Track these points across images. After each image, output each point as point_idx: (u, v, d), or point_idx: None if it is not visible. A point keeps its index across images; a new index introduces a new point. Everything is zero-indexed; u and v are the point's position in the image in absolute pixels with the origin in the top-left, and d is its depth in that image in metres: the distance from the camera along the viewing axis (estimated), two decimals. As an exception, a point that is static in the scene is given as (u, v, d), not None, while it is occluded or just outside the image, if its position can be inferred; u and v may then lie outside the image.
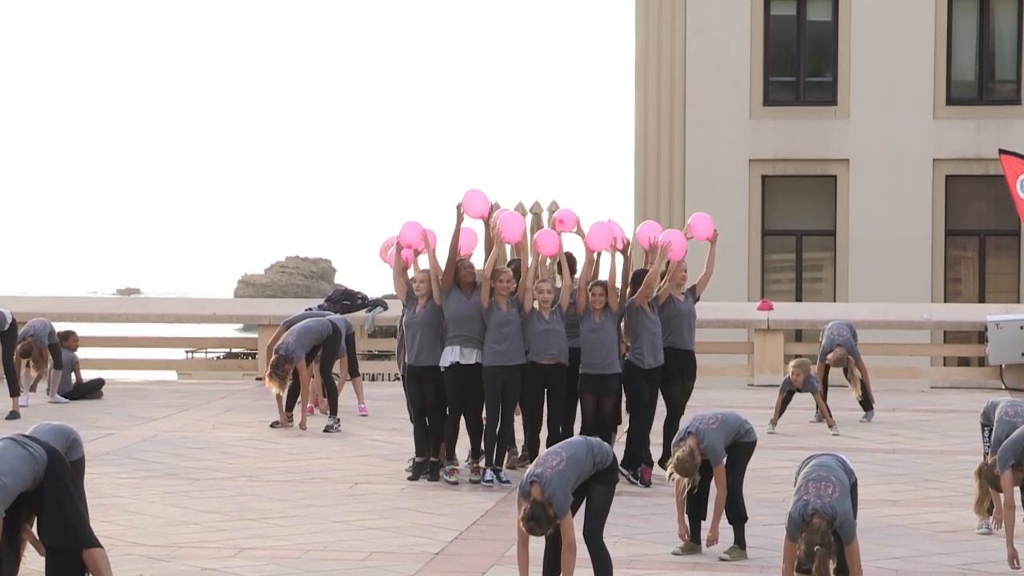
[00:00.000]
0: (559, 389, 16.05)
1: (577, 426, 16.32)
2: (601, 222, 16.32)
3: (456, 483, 16.10)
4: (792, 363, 19.87)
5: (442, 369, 16.13)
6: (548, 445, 15.49)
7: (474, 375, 16.06)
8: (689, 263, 16.79)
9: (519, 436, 16.85)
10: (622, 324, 16.29)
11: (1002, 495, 12.97)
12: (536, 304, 15.95)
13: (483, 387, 16.01)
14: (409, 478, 16.38)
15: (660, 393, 16.51)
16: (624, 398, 16.53)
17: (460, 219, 16.27)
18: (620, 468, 16.10)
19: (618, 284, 16.43)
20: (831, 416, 19.53)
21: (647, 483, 16.03)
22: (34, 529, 11.18)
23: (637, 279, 16.33)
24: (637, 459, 16.27)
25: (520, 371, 16.01)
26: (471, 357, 16.06)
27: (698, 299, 16.81)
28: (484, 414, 16.16)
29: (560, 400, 16.10)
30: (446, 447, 16.34)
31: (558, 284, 16.55)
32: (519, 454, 16.85)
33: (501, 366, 15.92)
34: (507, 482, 15.89)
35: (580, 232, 16.50)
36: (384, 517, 14.59)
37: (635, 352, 16.22)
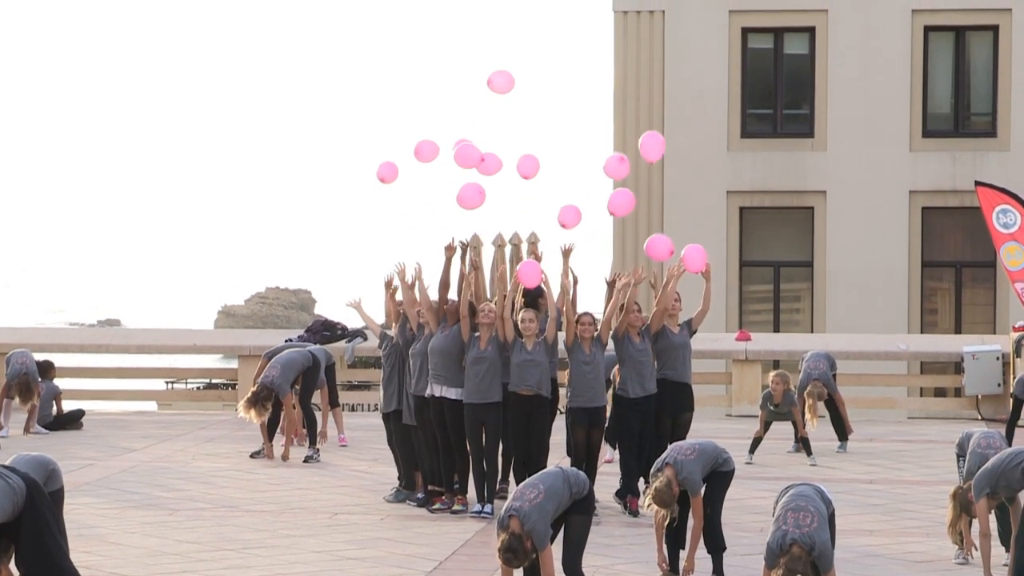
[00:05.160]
0: (538, 420, 16.07)
1: (552, 459, 16.35)
2: (530, 267, 16.39)
3: (461, 511, 16.16)
4: (772, 374, 20.02)
5: (426, 397, 16.29)
6: (518, 475, 15.56)
7: (456, 410, 16.16)
8: (684, 297, 16.88)
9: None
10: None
11: (976, 522, 13.09)
12: (522, 335, 15.99)
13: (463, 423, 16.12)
14: (418, 505, 16.53)
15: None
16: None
17: (449, 258, 16.42)
18: (614, 497, 16.21)
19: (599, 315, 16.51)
20: (804, 428, 19.69)
21: (635, 513, 16.07)
22: (12, 565, 11.18)
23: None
24: (628, 489, 16.33)
25: (497, 408, 16.05)
26: (450, 394, 16.17)
27: (694, 332, 16.89)
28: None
29: (539, 432, 16.11)
30: (445, 476, 16.43)
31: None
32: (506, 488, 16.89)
33: (475, 404, 16.00)
34: (491, 514, 15.93)
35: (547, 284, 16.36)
36: (364, 547, 14.62)
37: (621, 383, 16.29)
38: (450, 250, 16.45)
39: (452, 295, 16.57)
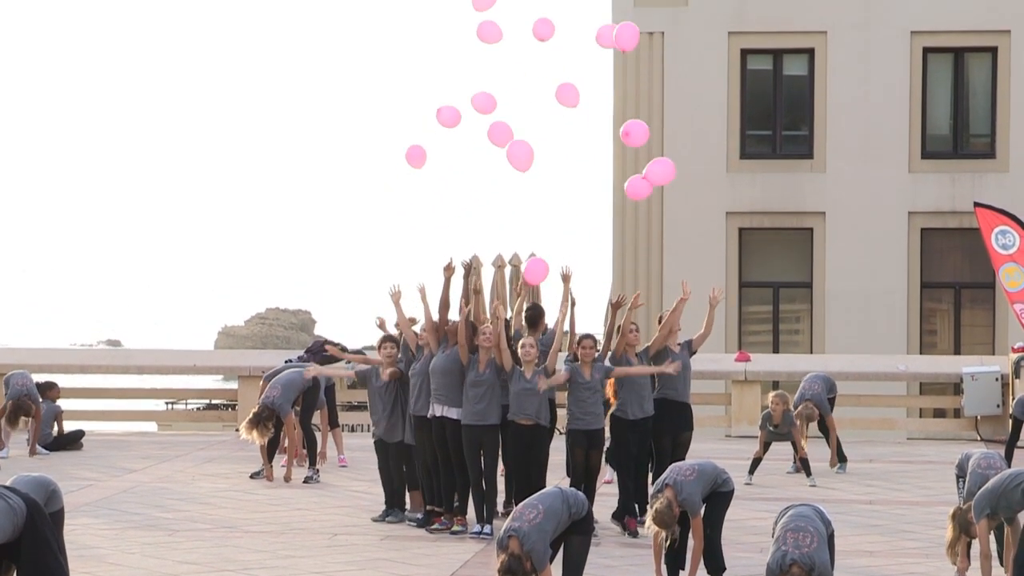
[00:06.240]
0: (537, 450, 16.07)
1: (552, 479, 16.35)
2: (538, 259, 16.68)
3: (460, 531, 16.16)
4: (771, 394, 20.05)
5: (427, 417, 16.31)
6: (518, 502, 15.57)
7: (457, 430, 16.18)
8: (688, 320, 17.02)
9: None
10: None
11: (976, 542, 13.11)
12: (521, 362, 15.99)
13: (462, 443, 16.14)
14: (417, 525, 16.51)
15: (652, 444, 16.58)
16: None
17: (448, 278, 16.45)
18: (611, 519, 16.22)
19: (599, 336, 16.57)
20: (804, 449, 19.72)
21: (634, 534, 16.08)
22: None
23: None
24: (625, 509, 16.35)
25: (495, 430, 16.06)
26: (452, 414, 16.20)
27: (694, 353, 17.00)
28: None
29: (538, 460, 16.11)
30: (445, 496, 16.44)
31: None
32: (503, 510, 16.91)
33: (473, 425, 16.01)
34: (490, 534, 15.94)
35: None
36: (363, 568, 14.62)
37: (620, 404, 16.31)
38: (449, 270, 16.47)
39: (453, 315, 16.61)
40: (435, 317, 16.43)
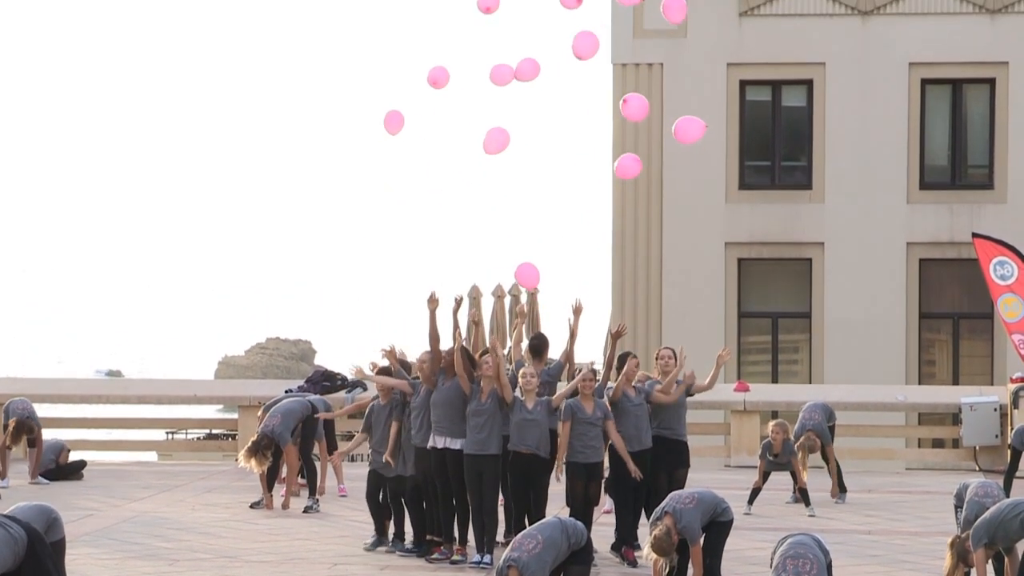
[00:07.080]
0: (537, 480, 16.12)
1: (552, 508, 16.39)
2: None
3: (460, 561, 16.18)
4: (771, 424, 20.10)
5: (428, 449, 16.36)
6: (518, 531, 15.61)
7: (458, 460, 16.22)
8: (690, 356, 17.19)
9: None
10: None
11: (974, 572, 13.13)
12: (520, 392, 16.03)
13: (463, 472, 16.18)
14: (417, 555, 16.55)
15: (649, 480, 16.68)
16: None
17: (433, 311, 16.46)
18: (610, 550, 16.26)
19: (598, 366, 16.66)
20: (803, 479, 19.75)
21: (632, 563, 16.11)
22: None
23: (621, 361, 16.60)
24: (623, 540, 16.39)
25: (496, 460, 16.11)
26: (454, 444, 16.23)
27: (691, 395, 17.16)
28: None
29: (538, 490, 16.15)
30: (444, 526, 16.48)
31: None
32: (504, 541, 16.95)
33: (474, 455, 16.05)
34: (490, 564, 15.97)
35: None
36: (363, 597, 14.64)
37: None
38: (432, 303, 16.41)
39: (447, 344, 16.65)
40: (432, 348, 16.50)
